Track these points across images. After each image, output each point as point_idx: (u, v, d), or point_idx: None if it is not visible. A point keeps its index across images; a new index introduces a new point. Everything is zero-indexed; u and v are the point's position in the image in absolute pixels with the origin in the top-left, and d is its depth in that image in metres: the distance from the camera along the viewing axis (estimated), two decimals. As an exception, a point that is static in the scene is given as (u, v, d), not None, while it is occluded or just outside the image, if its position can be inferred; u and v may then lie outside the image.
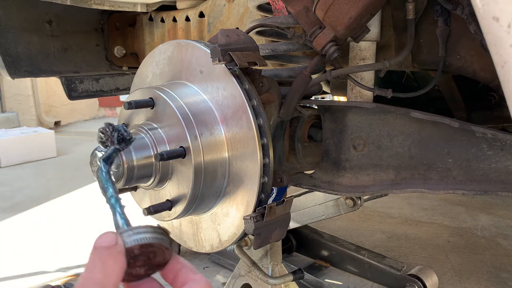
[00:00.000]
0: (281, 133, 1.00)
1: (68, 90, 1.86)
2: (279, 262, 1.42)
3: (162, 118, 0.84)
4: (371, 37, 0.96)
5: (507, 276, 1.97)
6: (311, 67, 0.90)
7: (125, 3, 1.61)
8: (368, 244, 2.28)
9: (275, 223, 0.83)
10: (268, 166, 0.81)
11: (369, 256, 1.90)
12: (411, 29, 0.94)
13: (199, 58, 0.86)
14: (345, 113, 0.96)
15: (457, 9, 0.86)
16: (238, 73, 0.81)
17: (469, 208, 2.82)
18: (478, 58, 0.93)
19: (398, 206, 2.87)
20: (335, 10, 0.80)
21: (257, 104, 0.80)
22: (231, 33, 0.82)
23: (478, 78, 0.96)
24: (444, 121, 0.85)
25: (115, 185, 0.48)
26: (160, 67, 0.95)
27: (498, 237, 2.38)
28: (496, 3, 0.60)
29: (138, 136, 0.83)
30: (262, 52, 1.01)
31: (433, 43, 0.97)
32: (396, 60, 0.95)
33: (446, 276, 1.98)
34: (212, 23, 1.47)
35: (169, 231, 0.39)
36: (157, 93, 0.84)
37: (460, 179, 0.87)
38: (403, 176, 0.92)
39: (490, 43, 0.63)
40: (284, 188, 1.25)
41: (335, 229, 2.49)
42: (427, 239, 2.38)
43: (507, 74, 0.63)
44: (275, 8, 1.07)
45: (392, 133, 0.92)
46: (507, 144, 0.82)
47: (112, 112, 8.28)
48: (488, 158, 0.84)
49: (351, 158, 0.96)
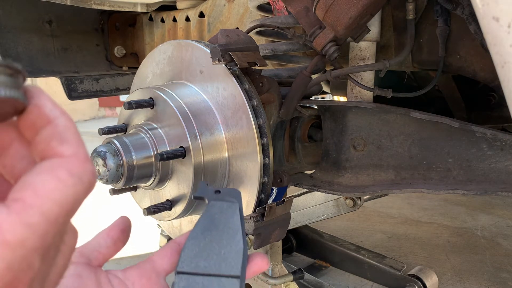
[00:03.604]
0: (281, 133, 1.00)
1: (68, 90, 1.86)
2: (279, 262, 1.42)
3: (162, 118, 0.83)
4: (371, 37, 0.96)
5: (507, 276, 1.97)
6: (311, 67, 0.90)
7: (125, 3, 1.61)
8: (368, 244, 2.28)
9: (275, 223, 0.83)
10: (268, 166, 0.81)
11: (369, 256, 1.89)
12: (411, 29, 0.94)
13: (199, 58, 0.86)
14: (345, 113, 0.96)
15: (457, 9, 0.86)
16: (238, 73, 0.81)
17: (469, 208, 2.82)
18: (478, 58, 0.93)
19: (398, 206, 2.87)
20: (335, 10, 0.80)
21: (257, 104, 0.80)
22: (231, 33, 0.82)
23: (478, 78, 0.96)
24: (444, 121, 0.85)
25: None
26: (160, 67, 0.95)
27: (498, 237, 2.38)
28: (496, 3, 0.60)
29: (138, 136, 0.83)
30: (262, 52, 1.01)
31: (433, 43, 0.97)
32: (396, 60, 0.95)
33: (446, 276, 1.98)
34: (212, 23, 1.47)
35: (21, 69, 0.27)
36: (157, 93, 0.84)
37: (460, 179, 0.87)
38: (403, 176, 0.92)
39: (490, 43, 0.64)
40: (284, 188, 1.25)
41: (335, 229, 2.49)
42: (427, 239, 2.38)
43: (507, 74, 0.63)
44: (275, 8, 1.07)
45: (392, 133, 0.92)
46: (507, 144, 0.82)
47: (112, 112, 8.28)
48: (488, 158, 0.84)
49: (351, 158, 0.96)
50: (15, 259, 0.22)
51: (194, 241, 0.51)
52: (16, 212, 0.23)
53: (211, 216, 0.54)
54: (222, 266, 0.50)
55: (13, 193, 0.24)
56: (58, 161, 0.26)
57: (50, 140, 0.27)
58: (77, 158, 0.27)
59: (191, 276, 0.50)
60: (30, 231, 0.23)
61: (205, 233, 0.52)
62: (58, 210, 0.24)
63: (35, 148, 0.28)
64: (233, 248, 0.51)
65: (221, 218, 0.54)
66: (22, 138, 0.29)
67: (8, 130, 0.29)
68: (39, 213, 0.23)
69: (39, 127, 0.27)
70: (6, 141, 0.29)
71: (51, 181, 0.25)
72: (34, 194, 0.24)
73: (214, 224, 0.53)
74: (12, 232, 0.22)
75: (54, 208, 0.24)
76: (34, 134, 0.28)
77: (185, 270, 0.50)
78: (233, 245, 0.52)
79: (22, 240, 0.22)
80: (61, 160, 0.26)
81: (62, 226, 0.26)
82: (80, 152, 0.27)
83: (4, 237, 0.22)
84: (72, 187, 0.26)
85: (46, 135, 0.27)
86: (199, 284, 0.49)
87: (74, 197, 0.26)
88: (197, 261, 0.50)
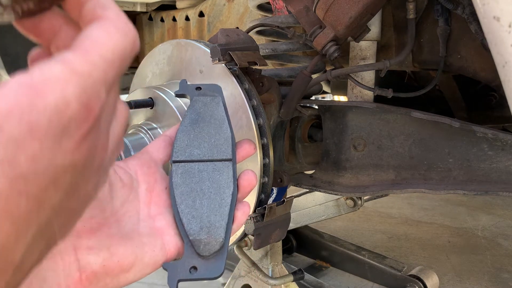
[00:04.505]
0: (281, 133, 1.00)
1: (68, 90, 1.86)
2: (279, 262, 1.42)
3: (162, 118, 0.83)
4: (372, 37, 0.96)
5: (507, 276, 1.97)
6: (311, 67, 0.90)
7: (125, 2, 1.60)
8: (369, 244, 2.28)
9: (275, 224, 0.83)
10: (268, 166, 0.81)
11: (369, 256, 1.89)
12: (411, 28, 0.94)
13: (199, 57, 0.86)
14: (345, 113, 0.95)
15: (457, 9, 0.85)
16: (238, 73, 0.81)
17: (469, 208, 2.82)
18: (478, 58, 0.93)
19: (398, 206, 2.87)
20: (335, 10, 0.80)
21: (257, 104, 0.80)
22: (231, 32, 0.82)
23: (478, 78, 0.95)
24: (444, 121, 0.85)
25: None
26: (160, 67, 0.94)
27: (498, 237, 2.38)
28: (497, 3, 0.60)
29: (137, 136, 0.83)
30: (262, 51, 1.00)
31: (434, 43, 0.97)
32: (396, 60, 0.94)
33: (446, 276, 1.98)
34: (212, 23, 1.47)
35: None
36: (157, 93, 0.83)
37: (461, 179, 0.86)
38: (403, 176, 0.92)
39: (491, 43, 0.63)
40: (284, 188, 1.25)
41: (335, 229, 2.48)
42: (428, 239, 2.37)
43: (508, 73, 0.63)
44: (275, 7, 1.07)
45: (393, 133, 0.92)
46: (507, 144, 0.81)
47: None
48: (489, 158, 0.83)
49: (351, 158, 0.96)
50: (86, 85, 0.27)
51: (184, 133, 0.54)
52: (81, 53, 0.28)
53: (197, 110, 0.56)
54: (214, 152, 0.54)
55: (75, 43, 0.29)
56: (106, 21, 0.31)
57: (94, 9, 0.31)
58: (120, 18, 0.31)
59: (187, 164, 0.53)
60: (94, 66, 0.28)
61: (194, 125, 0.55)
62: (112, 55, 0.29)
63: (84, 19, 0.32)
64: (222, 136, 0.55)
65: (206, 111, 0.57)
66: (71, 22, 0.34)
67: (56, 16, 0.34)
68: (98, 55, 0.28)
69: (83, 3, 0.32)
70: (56, 26, 0.34)
71: (103, 33, 0.30)
72: (91, 42, 0.29)
73: (200, 117, 0.56)
74: (81, 66, 0.27)
75: (109, 53, 0.29)
76: (80, 10, 0.32)
77: (180, 159, 0.53)
78: (221, 133, 0.55)
79: (89, 72, 0.27)
80: (108, 19, 0.31)
81: (117, 71, 0.30)
82: (122, 15, 0.32)
83: (75, 69, 0.27)
84: (120, 38, 0.30)
85: (91, 6, 0.31)
86: (195, 169, 0.53)
87: (123, 47, 0.30)
88: (190, 150, 0.53)
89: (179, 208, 0.50)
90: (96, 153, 0.31)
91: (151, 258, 0.46)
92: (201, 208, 0.51)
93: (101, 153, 0.32)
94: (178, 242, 0.49)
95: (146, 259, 0.45)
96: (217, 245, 0.49)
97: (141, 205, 0.50)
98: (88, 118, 0.28)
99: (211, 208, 0.51)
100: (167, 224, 0.50)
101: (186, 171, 0.52)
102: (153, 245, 0.47)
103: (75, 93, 0.26)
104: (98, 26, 0.30)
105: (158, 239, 0.48)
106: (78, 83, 0.26)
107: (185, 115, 0.56)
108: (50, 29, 0.34)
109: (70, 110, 0.26)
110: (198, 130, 0.55)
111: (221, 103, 0.58)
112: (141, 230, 0.47)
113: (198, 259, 0.48)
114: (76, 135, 0.27)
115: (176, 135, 0.54)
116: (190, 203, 0.50)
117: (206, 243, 0.49)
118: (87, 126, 0.28)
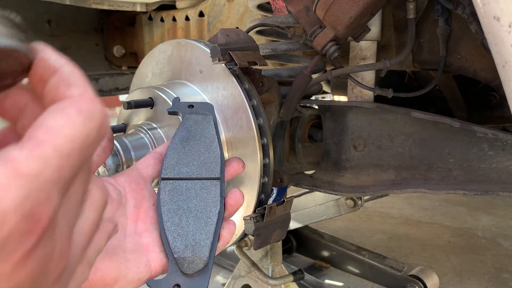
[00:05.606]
0: (281, 133, 1.00)
1: (68, 90, 1.86)
2: (279, 262, 1.42)
3: (162, 118, 0.83)
4: (372, 37, 0.96)
5: (508, 276, 1.97)
6: (311, 67, 0.90)
7: (125, 2, 1.60)
8: (369, 244, 2.28)
9: (275, 224, 0.83)
10: (268, 166, 0.81)
11: (369, 256, 1.89)
12: (411, 28, 0.94)
13: (198, 57, 0.86)
14: (345, 113, 0.95)
15: (458, 9, 0.85)
16: (238, 73, 0.81)
17: (470, 208, 2.82)
18: (479, 58, 0.93)
19: (398, 207, 2.87)
20: (335, 10, 0.80)
21: (257, 104, 0.80)
22: (231, 32, 0.82)
23: (479, 78, 0.95)
24: (445, 121, 0.84)
25: None
26: (160, 67, 0.94)
27: (499, 237, 2.38)
28: (497, 3, 0.60)
29: (137, 136, 0.83)
30: (262, 51, 1.00)
31: (434, 43, 0.97)
32: (396, 60, 0.94)
33: (447, 276, 1.97)
34: (212, 23, 1.47)
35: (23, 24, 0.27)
36: (157, 93, 0.83)
37: (461, 179, 0.86)
38: (403, 176, 0.92)
39: (491, 43, 0.63)
40: (284, 188, 1.25)
41: (335, 229, 2.48)
42: (428, 239, 2.37)
43: (508, 73, 0.63)
44: (275, 7, 1.07)
45: (393, 133, 0.92)
46: (508, 144, 0.81)
47: (112, 112, 8.28)
48: (489, 158, 0.83)
49: (351, 158, 0.96)
50: (32, 189, 0.22)
51: (174, 150, 0.55)
52: (29, 148, 0.23)
53: (188, 128, 0.57)
54: (203, 170, 0.55)
55: (27, 134, 0.25)
56: (67, 102, 0.27)
57: (58, 87, 0.28)
58: (85, 98, 0.27)
59: (175, 181, 0.53)
60: (44, 164, 0.23)
61: (184, 143, 0.56)
62: (70, 145, 0.25)
63: (46, 98, 0.28)
64: (211, 154, 0.56)
65: (197, 129, 0.58)
66: (36, 98, 0.30)
67: (21, 92, 0.30)
68: (51, 147, 0.24)
69: (47, 79, 0.28)
70: (21, 103, 0.30)
71: (61, 119, 0.25)
72: (45, 131, 0.24)
73: (191, 135, 0.57)
74: (26, 165, 0.22)
75: (66, 143, 0.25)
76: (44, 86, 0.29)
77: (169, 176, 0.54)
78: (211, 152, 0.56)
79: (37, 172, 0.23)
80: (70, 100, 0.27)
81: (77, 162, 0.26)
82: (87, 92, 0.28)
83: (19, 170, 0.22)
84: (82, 123, 0.26)
85: (54, 83, 0.28)
86: (183, 187, 0.53)
87: (85, 134, 0.26)
88: (179, 168, 0.54)
89: (165, 226, 0.50)
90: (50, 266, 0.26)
91: (135, 275, 0.46)
92: (187, 226, 0.51)
93: (59, 263, 0.27)
94: (163, 259, 0.49)
95: (130, 275, 0.45)
96: (201, 264, 0.49)
97: (128, 221, 0.49)
98: (34, 230, 0.23)
99: (197, 226, 0.51)
100: (153, 241, 0.50)
101: (174, 188, 0.53)
102: (138, 262, 0.47)
103: (15, 202, 0.22)
104: (57, 110, 0.26)
105: (143, 255, 0.48)
106: (21, 188, 0.22)
107: (176, 132, 0.56)
108: (15, 107, 0.30)
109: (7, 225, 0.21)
110: (188, 148, 0.56)
111: (212, 122, 0.59)
112: (127, 246, 0.47)
113: (182, 277, 0.48)
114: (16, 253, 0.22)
115: (166, 152, 0.55)
116: (176, 220, 0.51)
117: (191, 262, 0.49)
118: (33, 240, 0.23)
